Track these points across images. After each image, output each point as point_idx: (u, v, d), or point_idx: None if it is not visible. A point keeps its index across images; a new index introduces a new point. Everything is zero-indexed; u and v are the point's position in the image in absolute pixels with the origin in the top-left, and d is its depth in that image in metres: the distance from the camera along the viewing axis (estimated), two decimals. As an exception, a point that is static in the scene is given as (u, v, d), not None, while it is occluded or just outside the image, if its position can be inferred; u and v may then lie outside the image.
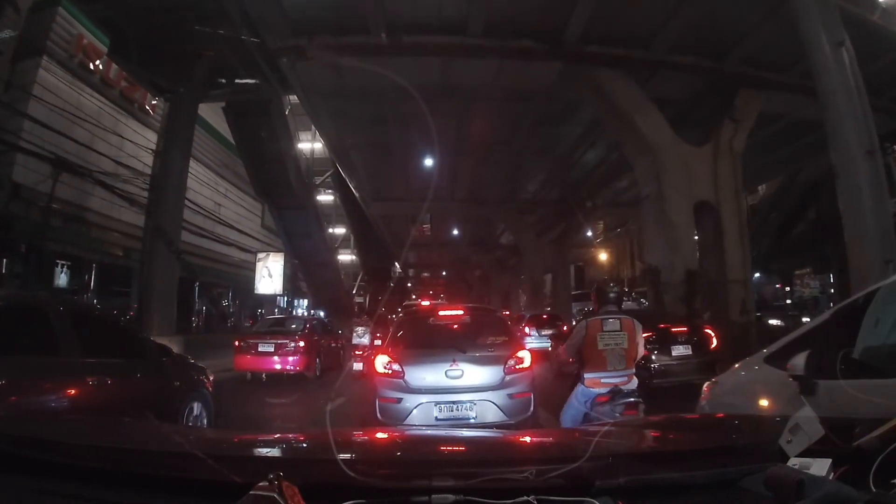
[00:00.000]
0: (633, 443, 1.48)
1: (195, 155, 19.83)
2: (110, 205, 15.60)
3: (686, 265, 10.30)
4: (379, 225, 26.79)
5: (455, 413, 4.26)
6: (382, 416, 4.43)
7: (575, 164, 17.94)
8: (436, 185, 19.08)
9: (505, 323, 5.59)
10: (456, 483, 0.98)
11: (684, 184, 10.92)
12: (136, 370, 4.07)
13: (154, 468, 1.12)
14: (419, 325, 5.46)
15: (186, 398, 4.49)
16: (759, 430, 1.57)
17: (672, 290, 10.05)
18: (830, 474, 0.91)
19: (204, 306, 21.13)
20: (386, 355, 4.65)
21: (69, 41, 14.79)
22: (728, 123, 11.81)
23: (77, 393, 3.35)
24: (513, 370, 4.50)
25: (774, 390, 2.52)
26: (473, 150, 16.10)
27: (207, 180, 19.85)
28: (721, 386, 3.18)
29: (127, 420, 2.39)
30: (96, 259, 16.05)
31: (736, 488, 1.02)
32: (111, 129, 15.59)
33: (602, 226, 33.13)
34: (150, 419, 2.01)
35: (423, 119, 13.92)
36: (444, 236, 29.88)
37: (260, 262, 19.21)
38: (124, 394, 3.78)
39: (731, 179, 11.61)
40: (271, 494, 0.80)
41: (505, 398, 4.36)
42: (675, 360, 7.03)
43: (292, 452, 1.46)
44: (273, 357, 9.46)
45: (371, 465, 1.13)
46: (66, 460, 1.13)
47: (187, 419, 4.40)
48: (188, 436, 1.61)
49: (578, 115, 14.12)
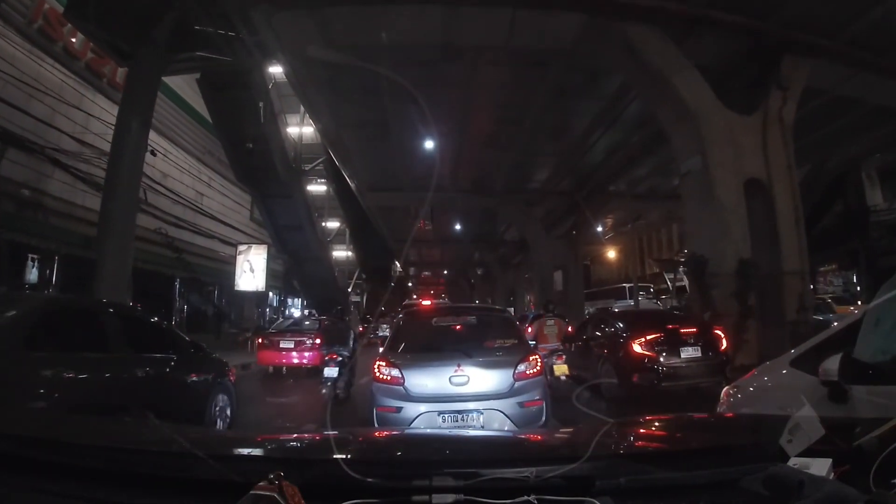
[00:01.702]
0: (633, 443, 1.45)
1: (173, 138, 18.32)
2: (72, 189, 13.93)
3: (738, 253, 8.64)
4: (376, 218, 25.13)
5: (460, 424, 3.94)
6: (380, 426, 4.03)
7: (590, 150, 16.24)
8: (437, 172, 17.40)
9: (513, 324, 5.22)
10: (456, 483, 0.97)
11: (732, 158, 9.31)
12: (172, 364, 4.53)
13: (154, 468, 1.13)
14: (421, 327, 5.03)
15: (214, 390, 5.01)
16: (759, 430, 1.54)
17: (722, 283, 8.37)
18: (830, 474, 0.92)
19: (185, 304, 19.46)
20: (384, 359, 4.28)
21: (27, 5, 13.14)
22: (776, 91, 10.24)
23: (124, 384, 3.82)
24: (523, 376, 4.15)
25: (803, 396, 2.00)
26: (479, 130, 14.43)
27: (188, 167, 18.18)
28: (741, 391, 3.02)
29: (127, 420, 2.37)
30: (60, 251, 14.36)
31: (736, 488, 1.02)
32: (75, 104, 14.01)
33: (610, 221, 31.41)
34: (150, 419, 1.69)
35: (424, 89, 12.34)
36: (446, 231, 28.23)
37: (241, 256, 17.34)
38: (162, 386, 4.23)
39: (782, 154, 9.99)
40: (271, 494, 0.80)
41: (515, 407, 4.02)
42: (683, 361, 6.71)
43: (292, 452, 1.42)
44: (292, 353, 10.77)
45: (371, 464, 1.10)
46: (66, 460, 1.14)
47: (214, 409, 4.95)
48: (188, 436, 1.33)
49: (599, 87, 12.48)
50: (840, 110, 13.15)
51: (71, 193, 14.09)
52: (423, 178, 18.79)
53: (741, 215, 8.95)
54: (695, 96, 9.35)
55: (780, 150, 9.95)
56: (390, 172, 18.33)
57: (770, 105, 10.12)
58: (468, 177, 18.68)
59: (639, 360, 6.75)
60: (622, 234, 34.52)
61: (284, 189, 16.32)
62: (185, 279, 19.48)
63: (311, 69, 11.25)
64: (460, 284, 50.48)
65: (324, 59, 9.97)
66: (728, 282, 8.35)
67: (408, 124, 13.84)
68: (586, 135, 15.15)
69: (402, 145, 15.62)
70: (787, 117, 10.30)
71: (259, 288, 16.80)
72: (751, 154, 9.62)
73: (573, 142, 15.74)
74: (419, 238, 30.56)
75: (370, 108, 13.18)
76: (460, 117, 13.62)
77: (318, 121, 14.32)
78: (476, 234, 29.87)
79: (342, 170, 18.15)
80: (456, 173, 17.90)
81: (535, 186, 20.30)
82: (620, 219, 31.10)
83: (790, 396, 2.39)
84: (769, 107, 10.10)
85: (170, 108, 18.33)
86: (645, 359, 6.72)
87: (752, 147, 9.70)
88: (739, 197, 9.04)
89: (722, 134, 9.34)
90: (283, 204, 17.16)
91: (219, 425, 5.10)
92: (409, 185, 19.42)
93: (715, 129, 9.28)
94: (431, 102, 13.06)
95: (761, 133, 9.91)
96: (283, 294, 28.00)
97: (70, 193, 14.11)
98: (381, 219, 25.36)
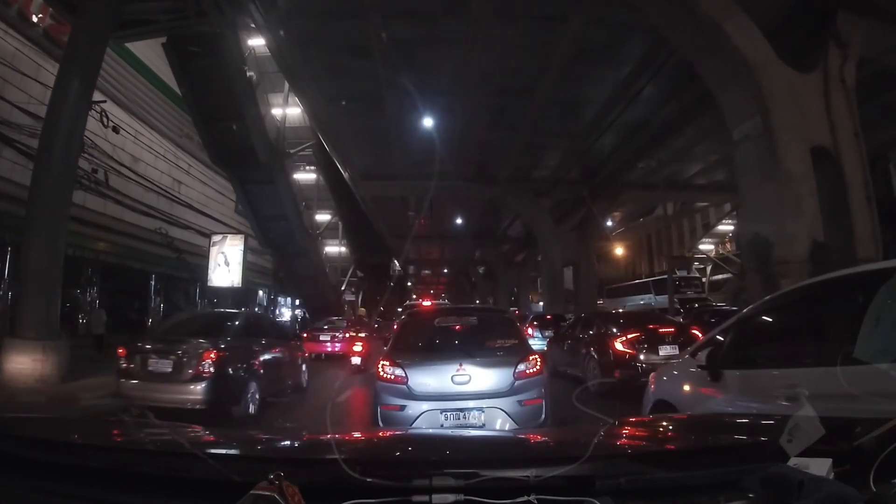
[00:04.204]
0: (633, 443, 1.45)
1: (147, 120, 16.63)
2: (25, 170, 12.24)
3: (810, 235, 6.99)
4: (372, 211, 23.46)
5: (462, 421, 3.99)
6: (384, 424, 4.13)
7: (607, 130, 14.50)
8: (438, 157, 15.75)
9: (514, 324, 5.25)
10: (456, 483, 0.97)
11: (797, 120, 7.66)
12: (288, 346, 8.08)
13: (154, 468, 1.12)
14: (423, 328, 5.16)
15: (302, 361, 8.74)
16: (759, 430, 1.50)
17: (793, 271, 6.70)
18: (830, 474, 0.91)
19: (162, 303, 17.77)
20: (387, 359, 4.36)
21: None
22: (834, 49, 8.66)
23: (273, 353, 7.30)
24: (523, 375, 4.20)
25: (694, 379, 2.99)
26: (484, 103, 12.76)
27: (164, 151, 16.50)
28: (658, 376, 3.54)
29: (127, 420, 2.26)
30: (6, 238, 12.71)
31: (736, 488, 1.01)
32: (31, 75, 12.41)
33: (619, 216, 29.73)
34: (150, 419, 1.61)
35: (421, 52, 10.70)
36: (446, 226, 26.61)
37: (214, 248, 15.30)
38: (285, 357, 7.73)
39: (847, 119, 8.34)
40: (272, 494, 0.80)
41: (515, 405, 4.08)
42: (662, 359, 6.84)
43: (293, 452, 1.43)
44: (327, 344, 14.36)
45: (371, 464, 1.06)
46: (66, 460, 1.14)
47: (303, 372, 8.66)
48: (188, 436, 1.41)
49: (624, 50, 10.84)
50: (882, 85, 11.55)
51: (23, 175, 12.44)
52: (422, 164, 17.13)
53: (811, 188, 7.29)
54: (751, 46, 7.72)
55: (846, 114, 8.30)
56: (385, 157, 16.67)
57: (829, 63, 8.53)
58: (471, 162, 17.02)
59: (620, 357, 7.30)
60: (633, 228, 32.92)
61: (265, 173, 14.59)
62: (160, 275, 17.83)
63: (290, 24, 9.61)
64: (461, 283, 48.90)
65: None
66: (801, 269, 6.69)
67: (404, 98, 12.20)
68: (604, 111, 13.47)
69: (397, 124, 13.98)
70: (849, 78, 8.68)
71: (235, 283, 14.98)
72: (815, 118, 7.99)
73: (589, 120, 14.07)
74: (419, 234, 28.92)
75: (361, 78, 11.53)
76: (463, 88, 11.97)
77: (301, 92, 12.64)
78: (478, 230, 28.25)
79: (332, 154, 16.47)
80: (458, 158, 16.22)
81: (545, 174, 18.64)
82: (632, 212, 29.50)
83: (687, 378, 3.13)
84: (829, 65, 8.51)
85: (143, 86, 16.67)
86: (626, 356, 7.28)
87: (815, 111, 8.07)
88: (808, 166, 7.39)
89: (784, 92, 7.70)
90: (265, 190, 15.40)
91: (304, 381, 8.60)
92: (407, 173, 17.77)
93: (777, 85, 7.65)
94: (430, 70, 11.45)
95: (823, 94, 8.31)
96: (274, 292, 26.30)
97: (22, 175, 12.45)
98: (376, 212, 23.68)
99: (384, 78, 11.38)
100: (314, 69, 11.15)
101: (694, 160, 18.11)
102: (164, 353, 5.87)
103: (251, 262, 23.01)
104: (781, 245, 6.97)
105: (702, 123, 13.51)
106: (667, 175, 19.71)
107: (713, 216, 32.59)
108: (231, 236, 15.45)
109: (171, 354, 5.82)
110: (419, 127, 13.69)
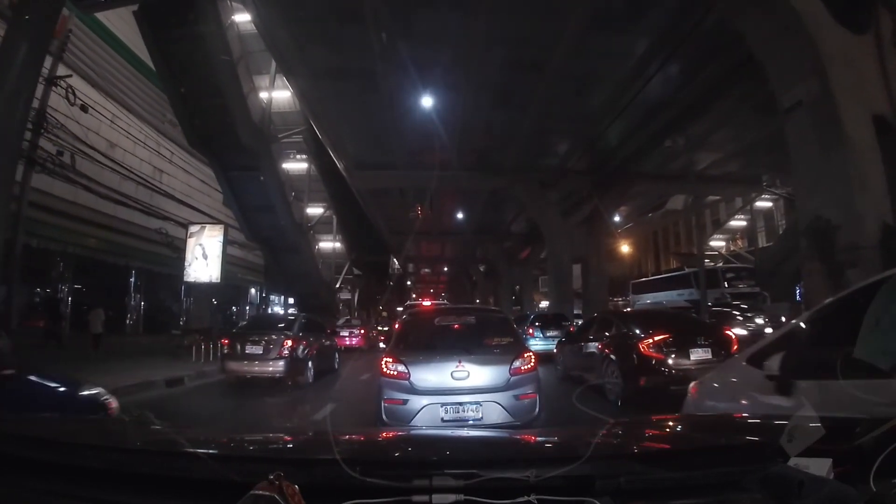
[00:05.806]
0: (633, 443, 1.41)
1: (125, 103, 15.53)
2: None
3: (879, 216, 5.87)
4: (368, 205, 22.33)
5: (461, 414, 4.19)
6: (388, 417, 4.30)
7: (622, 113, 13.32)
8: (438, 144, 14.62)
9: (510, 324, 5.45)
10: (456, 483, 0.97)
11: (855, 84, 6.53)
12: (325, 339, 11.02)
13: (154, 468, 1.11)
14: (424, 326, 5.35)
15: (337, 350, 11.84)
16: (759, 430, 1.50)
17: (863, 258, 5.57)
18: (830, 474, 0.90)
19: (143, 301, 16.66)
20: (391, 356, 4.55)
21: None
22: (884, 11, 7.59)
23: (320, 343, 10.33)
24: (518, 371, 4.40)
25: (754, 390, 2.59)
26: (490, 79, 11.63)
27: (143, 137, 15.37)
28: (704, 386, 3.19)
29: (127, 420, 2.36)
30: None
31: (736, 488, 1.01)
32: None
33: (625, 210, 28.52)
34: (150, 419, 1.63)
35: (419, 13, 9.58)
36: (447, 221, 25.43)
37: (191, 239, 13.89)
38: (327, 347, 10.81)
39: (908, 87, 7.20)
40: (271, 494, 0.80)
41: (511, 399, 4.28)
42: (693, 364, 6.40)
43: (292, 452, 1.43)
44: (346, 338, 18.06)
45: (371, 464, 1.04)
46: (66, 460, 1.12)
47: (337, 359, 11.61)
48: (188, 436, 1.36)
49: (644, 18, 9.70)
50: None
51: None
52: (421, 152, 16.01)
53: (876, 161, 6.16)
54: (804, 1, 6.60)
55: (904, 81, 7.19)
56: (382, 143, 15.53)
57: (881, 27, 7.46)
58: (474, 149, 15.88)
59: (646, 361, 6.67)
60: (641, 223, 31.71)
61: (250, 159, 13.44)
62: (141, 270, 16.71)
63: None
64: (461, 282, 47.81)
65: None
66: (871, 256, 5.56)
67: (400, 74, 11.08)
68: (620, 90, 12.32)
69: (393, 106, 12.85)
70: (902, 44, 7.62)
71: (213, 278, 13.76)
72: (872, 84, 6.89)
73: (603, 100, 12.92)
74: (419, 230, 27.79)
75: (352, 48, 10.40)
76: (465, 61, 10.84)
77: (286, 66, 11.49)
78: (479, 225, 27.08)
79: (323, 140, 15.31)
80: (459, 144, 15.09)
81: (553, 163, 17.47)
82: (640, 206, 28.33)
83: (743, 389, 2.73)
84: (880, 28, 7.44)
85: (121, 65, 15.55)
86: (653, 360, 6.64)
87: (871, 75, 6.97)
88: (872, 136, 6.27)
89: (841, 53, 6.61)
90: (250, 179, 14.26)
91: (336, 364, 11.39)
92: (405, 162, 16.64)
93: (834, 44, 6.55)
94: (429, 40, 10.33)
95: (877, 59, 7.22)
96: (265, 289, 25.16)
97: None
98: (373, 205, 22.54)
99: (378, 50, 10.26)
100: (298, 38, 10.03)
101: (711, 148, 16.97)
102: (255, 341, 8.80)
103: (240, 258, 21.88)
104: (848, 228, 5.85)
105: (723, 106, 12.43)
106: (681, 166, 18.60)
107: (723, 213, 31.52)
108: (210, 227, 14.19)
109: (262, 341, 8.77)
110: (417, 108, 12.56)
